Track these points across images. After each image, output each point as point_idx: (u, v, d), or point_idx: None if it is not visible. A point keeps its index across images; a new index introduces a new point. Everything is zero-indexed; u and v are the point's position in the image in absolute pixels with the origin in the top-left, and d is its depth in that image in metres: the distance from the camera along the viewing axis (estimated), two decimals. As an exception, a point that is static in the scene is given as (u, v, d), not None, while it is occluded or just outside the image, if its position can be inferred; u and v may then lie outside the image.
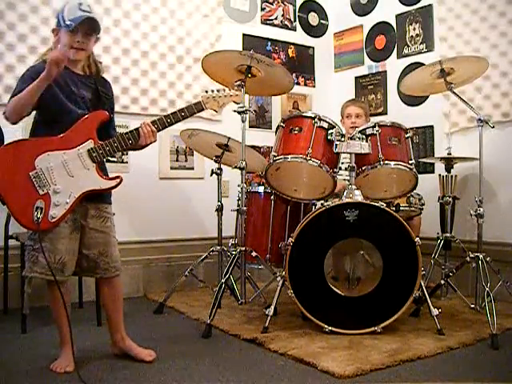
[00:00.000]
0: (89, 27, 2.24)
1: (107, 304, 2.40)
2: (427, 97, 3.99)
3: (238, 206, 3.10)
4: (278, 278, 2.82)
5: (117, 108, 3.64)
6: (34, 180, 2.15)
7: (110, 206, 2.40)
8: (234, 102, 2.62)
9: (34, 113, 2.28)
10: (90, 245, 2.29)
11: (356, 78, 4.63)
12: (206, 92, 2.45)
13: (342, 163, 3.33)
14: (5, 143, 2.32)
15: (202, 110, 2.42)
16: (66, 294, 2.27)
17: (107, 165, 2.38)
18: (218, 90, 2.48)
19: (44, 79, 2.10)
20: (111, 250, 2.34)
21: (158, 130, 2.33)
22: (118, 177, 2.29)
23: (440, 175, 3.52)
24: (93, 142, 2.24)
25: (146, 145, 2.35)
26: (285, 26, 4.60)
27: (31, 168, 2.15)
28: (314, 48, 4.76)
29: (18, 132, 3.34)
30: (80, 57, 2.30)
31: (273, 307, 2.74)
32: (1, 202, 2.20)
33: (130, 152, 3.73)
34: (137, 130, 2.30)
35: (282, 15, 4.58)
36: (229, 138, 3.32)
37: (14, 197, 2.13)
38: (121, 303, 2.42)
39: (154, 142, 2.35)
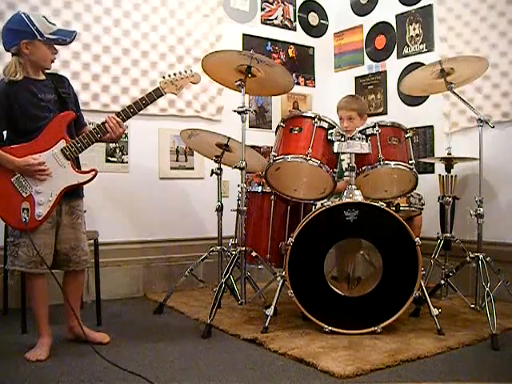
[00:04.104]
0: (67, 41, 2.44)
1: (70, 294, 2.53)
2: (427, 97, 3.99)
3: (238, 205, 3.11)
4: (278, 278, 2.81)
5: (116, 108, 3.67)
6: (15, 185, 2.31)
7: (82, 203, 2.57)
8: (192, 82, 2.73)
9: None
10: (62, 240, 2.46)
11: (356, 77, 4.63)
12: (164, 77, 2.61)
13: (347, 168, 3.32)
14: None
15: (162, 95, 2.57)
16: (44, 289, 2.43)
17: (108, 164, 2.42)
18: (174, 74, 2.64)
19: (10, 165, 2.29)
20: (81, 245, 2.51)
21: (124, 120, 2.48)
22: (93, 169, 2.44)
23: (440, 175, 3.52)
24: (64, 141, 2.39)
25: (118, 137, 2.49)
26: (285, 26, 4.60)
27: (12, 174, 2.31)
28: (314, 48, 4.76)
29: None
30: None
31: (273, 307, 2.74)
32: None
33: (131, 152, 3.75)
34: (103, 123, 2.45)
35: (282, 15, 4.58)
36: (229, 138, 3.31)
37: (0, 203, 2.30)
38: (81, 293, 2.66)
39: (124, 132, 2.51)
